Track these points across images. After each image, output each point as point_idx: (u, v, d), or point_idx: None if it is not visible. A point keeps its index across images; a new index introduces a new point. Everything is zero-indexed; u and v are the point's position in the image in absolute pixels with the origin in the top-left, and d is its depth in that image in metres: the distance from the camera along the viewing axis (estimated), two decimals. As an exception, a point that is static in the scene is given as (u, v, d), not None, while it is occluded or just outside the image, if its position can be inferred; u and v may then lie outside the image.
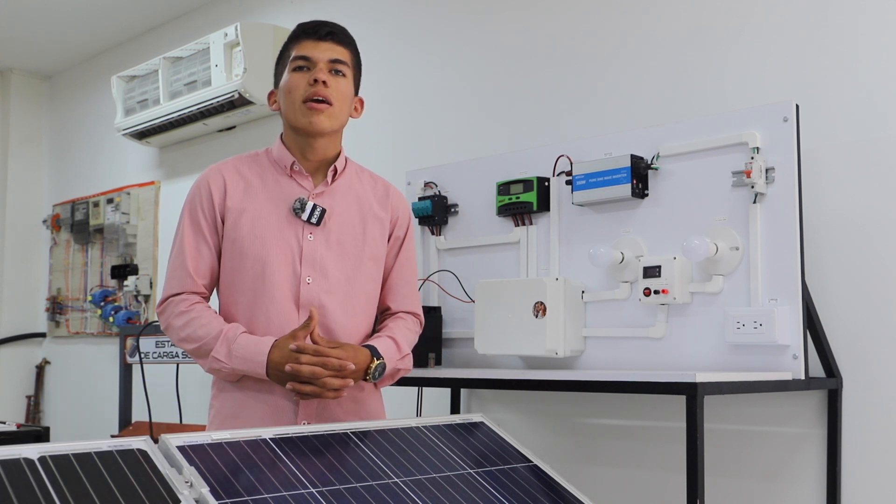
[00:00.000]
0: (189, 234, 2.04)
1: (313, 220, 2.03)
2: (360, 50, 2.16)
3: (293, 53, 2.05)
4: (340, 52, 2.06)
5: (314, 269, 2.02)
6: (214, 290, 2.11)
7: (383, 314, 2.18)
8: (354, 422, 1.93)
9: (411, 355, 2.12)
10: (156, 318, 4.47)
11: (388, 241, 2.15)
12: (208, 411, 2.09)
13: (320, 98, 2.00)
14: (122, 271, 4.81)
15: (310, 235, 2.04)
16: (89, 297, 4.98)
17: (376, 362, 1.98)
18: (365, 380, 1.99)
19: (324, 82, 2.01)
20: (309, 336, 1.92)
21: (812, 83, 2.36)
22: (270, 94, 2.14)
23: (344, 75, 2.06)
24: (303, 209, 2.03)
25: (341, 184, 2.11)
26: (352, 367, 1.91)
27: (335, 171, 2.09)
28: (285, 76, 2.06)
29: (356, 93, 2.13)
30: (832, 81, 2.33)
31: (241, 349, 1.94)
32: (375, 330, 2.14)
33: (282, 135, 2.12)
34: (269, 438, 1.69)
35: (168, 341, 3.72)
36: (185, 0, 4.48)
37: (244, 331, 1.97)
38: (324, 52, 2.03)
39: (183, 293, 2.03)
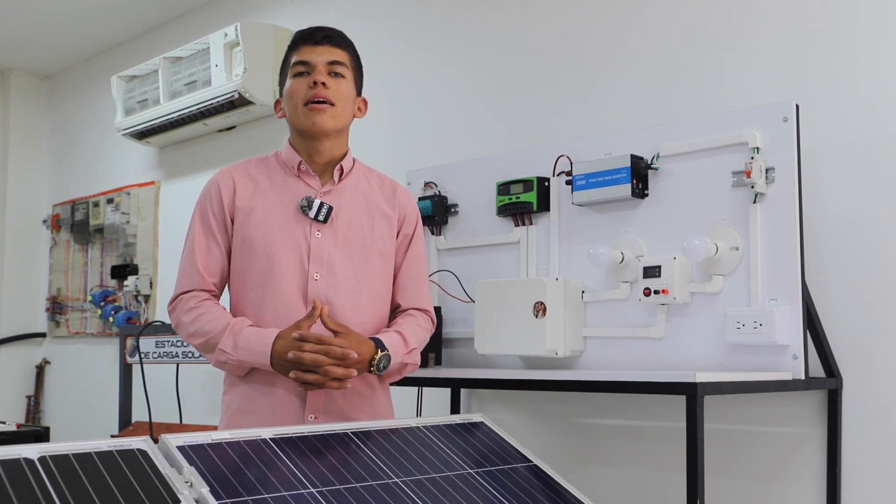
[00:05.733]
0: (199, 234, 2.10)
1: (320, 217, 2.07)
2: (359, 50, 2.20)
3: (293, 60, 2.11)
4: (338, 54, 2.11)
5: (322, 265, 2.06)
6: (225, 288, 2.16)
7: (394, 311, 2.20)
8: (355, 422, 1.94)
9: (419, 351, 2.14)
10: (156, 318, 4.49)
11: (397, 238, 2.18)
12: (221, 406, 2.13)
13: (321, 99, 2.05)
14: (122, 271, 4.81)
15: (317, 233, 2.08)
16: (89, 297, 4.98)
17: (381, 354, 2.00)
18: (370, 371, 2.01)
19: (323, 84, 2.06)
20: (319, 320, 1.96)
21: (812, 83, 2.36)
22: (276, 103, 2.20)
23: (343, 76, 2.11)
24: (310, 207, 2.07)
25: (348, 183, 2.15)
26: (355, 357, 1.93)
27: (342, 170, 2.14)
28: (287, 82, 2.12)
29: (359, 93, 2.18)
30: (832, 81, 2.33)
31: (246, 341, 1.98)
32: (386, 327, 2.16)
33: (289, 139, 2.17)
34: (269, 438, 1.69)
35: (168, 341, 3.72)
36: (184, 0, 4.48)
37: (250, 324, 2.02)
38: (321, 55, 2.09)
39: (193, 290, 2.09)
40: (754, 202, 2.21)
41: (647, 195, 2.42)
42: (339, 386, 1.94)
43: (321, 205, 2.07)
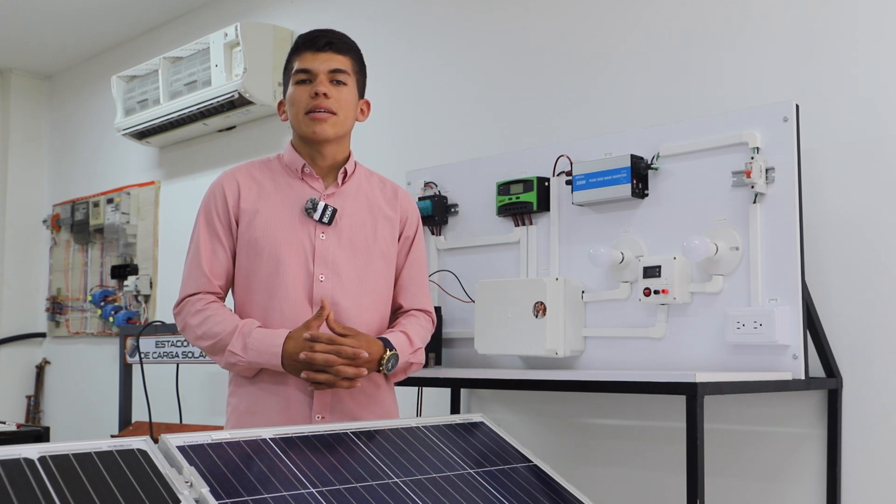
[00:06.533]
0: (205, 237, 2.11)
1: (325, 219, 2.08)
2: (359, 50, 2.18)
3: (295, 66, 2.11)
4: (340, 62, 2.11)
5: (327, 267, 2.07)
6: (230, 292, 2.16)
7: (396, 312, 2.22)
8: (355, 422, 1.95)
9: (423, 350, 2.16)
10: (156, 318, 4.49)
11: (399, 240, 2.19)
12: (226, 408, 2.13)
13: (322, 110, 2.06)
14: (122, 271, 4.81)
15: (322, 235, 2.09)
16: (89, 297, 4.98)
17: (389, 353, 2.02)
18: (378, 371, 2.03)
19: (325, 94, 2.06)
20: (325, 323, 1.98)
21: (812, 83, 2.36)
22: (280, 105, 2.20)
23: (345, 84, 2.11)
24: (315, 209, 2.08)
25: (351, 185, 2.16)
26: (365, 356, 1.96)
27: (345, 173, 2.15)
28: (290, 89, 2.12)
29: (361, 96, 2.18)
30: (832, 81, 2.33)
31: (256, 342, 1.99)
32: (389, 328, 2.17)
33: (291, 141, 2.18)
34: (269, 438, 1.69)
35: (168, 341, 3.72)
36: (184, 0, 4.48)
37: (259, 325, 2.03)
38: (323, 63, 2.09)
39: (199, 293, 2.09)
40: (754, 202, 2.21)
41: (647, 195, 2.42)
42: (349, 385, 1.97)
43: (325, 207, 2.08)
